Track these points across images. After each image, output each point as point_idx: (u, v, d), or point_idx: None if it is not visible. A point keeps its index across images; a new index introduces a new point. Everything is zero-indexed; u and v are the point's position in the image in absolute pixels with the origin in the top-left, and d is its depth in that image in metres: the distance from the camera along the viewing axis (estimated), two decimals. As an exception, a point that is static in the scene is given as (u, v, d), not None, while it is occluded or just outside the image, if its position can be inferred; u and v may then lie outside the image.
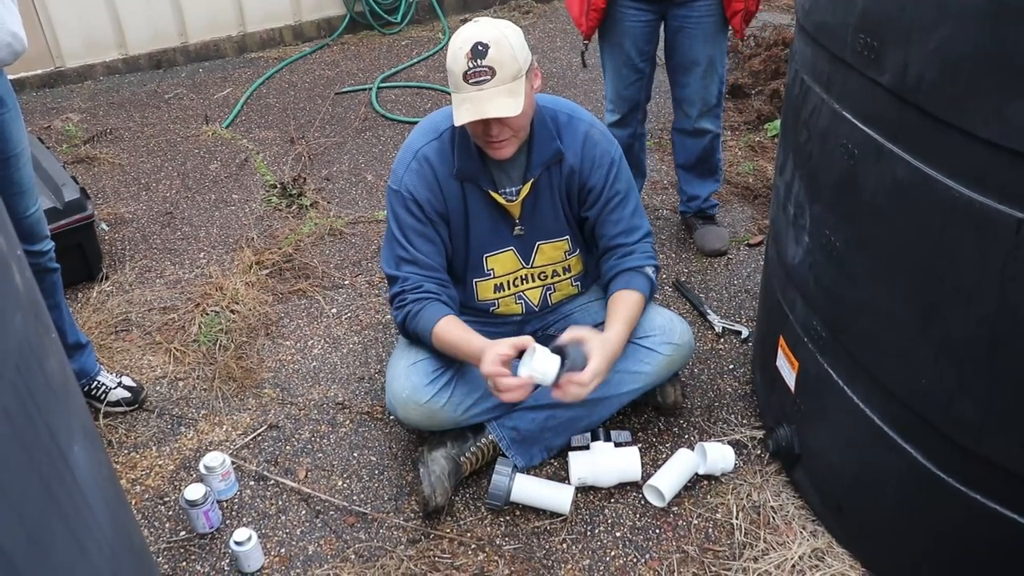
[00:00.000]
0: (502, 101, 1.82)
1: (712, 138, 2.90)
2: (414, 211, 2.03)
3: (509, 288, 2.18)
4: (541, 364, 1.81)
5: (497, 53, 1.82)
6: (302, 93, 4.55)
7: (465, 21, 5.63)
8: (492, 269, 2.14)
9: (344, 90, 4.55)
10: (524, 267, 2.17)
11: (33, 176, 2.11)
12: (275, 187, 3.54)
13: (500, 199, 2.05)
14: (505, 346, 1.87)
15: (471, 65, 1.81)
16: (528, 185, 2.04)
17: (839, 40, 1.56)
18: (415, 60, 4.92)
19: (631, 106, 2.88)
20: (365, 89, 4.55)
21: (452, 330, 1.99)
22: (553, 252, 2.17)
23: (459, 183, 2.03)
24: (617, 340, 1.97)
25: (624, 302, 2.07)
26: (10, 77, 4.75)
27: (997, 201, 1.28)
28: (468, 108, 1.82)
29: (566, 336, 1.90)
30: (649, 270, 2.13)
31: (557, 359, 1.82)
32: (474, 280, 2.15)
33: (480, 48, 1.81)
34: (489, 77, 1.81)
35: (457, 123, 1.84)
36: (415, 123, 4.05)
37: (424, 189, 2.02)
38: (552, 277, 2.21)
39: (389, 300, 2.11)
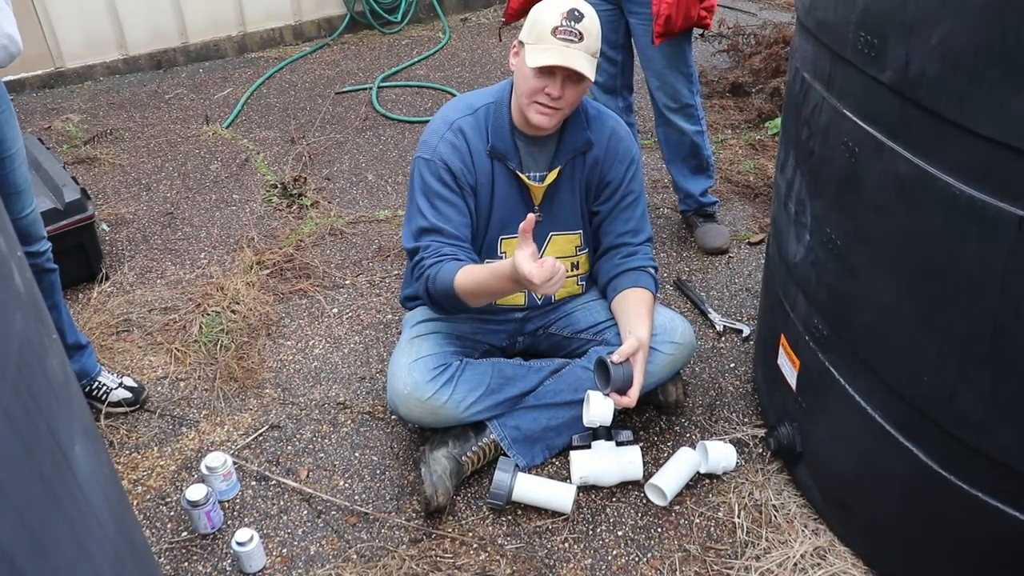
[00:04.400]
0: (585, 63, 1.89)
1: (694, 135, 2.91)
2: (446, 179, 2.03)
3: None
4: (599, 412, 1.97)
5: (589, 24, 1.90)
6: (302, 93, 4.55)
7: (465, 21, 5.71)
8: (505, 253, 2.15)
9: (344, 89, 4.55)
10: None
11: (29, 177, 2.10)
12: (276, 187, 3.54)
13: (526, 179, 2.07)
14: (527, 246, 1.83)
15: (565, 23, 1.87)
16: (555, 172, 2.07)
17: (840, 37, 1.56)
18: (416, 59, 4.92)
19: (605, 93, 2.95)
20: (365, 88, 4.55)
21: (474, 270, 1.94)
22: (565, 245, 2.18)
23: (489, 160, 2.05)
24: (649, 341, 2.06)
25: (640, 301, 2.11)
26: (10, 78, 4.75)
27: (998, 198, 1.28)
28: (552, 55, 1.87)
29: (616, 355, 1.96)
30: (652, 271, 2.17)
31: (610, 402, 1.97)
32: (486, 261, 2.15)
33: (577, 14, 1.89)
34: (577, 40, 1.88)
35: (537, 64, 1.87)
36: (416, 122, 4.10)
37: (457, 159, 2.03)
38: None
39: (409, 273, 2.10)
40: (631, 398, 1.96)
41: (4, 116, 1.98)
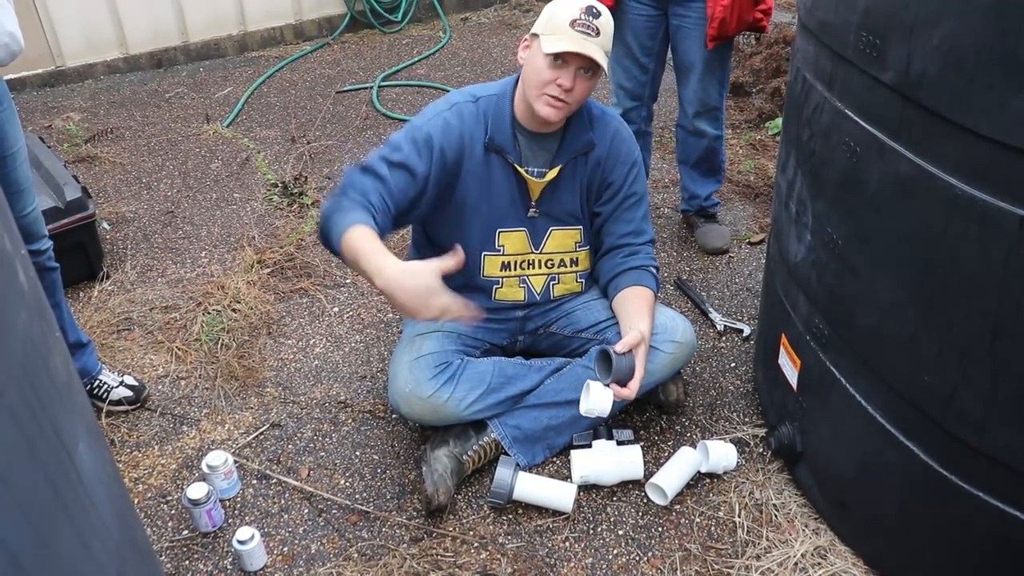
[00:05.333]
0: (601, 55, 1.90)
1: (713, 140, 2.89)
2: (420, 149, 2.00)
3: (515, 269, 2.19)
4: (599, 402, 1.94)
5: (606, 23, 1.92)
6: (303, 92, 4.55)
7: (466, 20, 5.71)
8: (503, 245, 2.15)
9: (345, 89, 4.55)
10: (533, 252, 2.18)
11: (30, 176, 2.10)
12: (276, 186, 3.54)
13: (524, 173, 2.07)
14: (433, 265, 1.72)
15: (583, 17, 1.89)
16: (556, 171, 2.07)
17: (841, 38, 1.56)
18: (416, 59, 4.92)
19: (632, 99, 2.89)
20: (366, 88, 4.55)
21: (366, 236, 1.79)
22: (565, 240, 2.19)
23: (485, 152, 2.04)
24: (650, 337, 2.06)
25: (641, 299, 2.11)
26: (11, 76, 4.75)
27: (999, 198, 1.28)
28: (570, 43, 1.88)
29: (620, 346, 1.95)
30: (653, 270, 2.17)
31: (610, 393, 1.94)
32: (483, 253, 2.15)
33: (595, 10, 1.91)
34: (594, 35, 1.89)
35: (553, 50, 1.87)
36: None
37: (444, 137, 2.01)
38: (559, 267, 2.21)
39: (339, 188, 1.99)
40: (631, 390, 1.95)
41: (6, 114, 1.98)
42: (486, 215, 2.10)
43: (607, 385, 1.95)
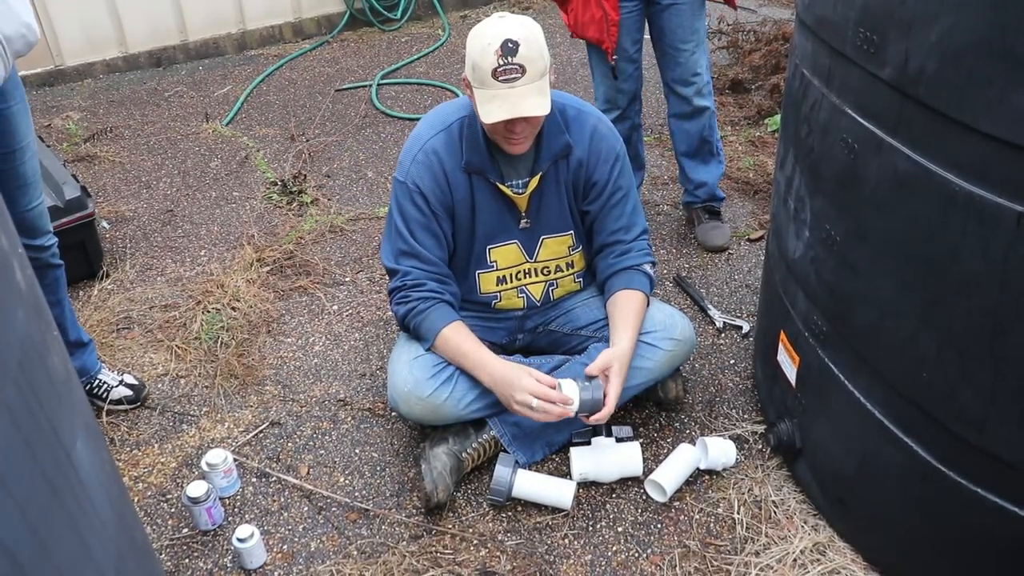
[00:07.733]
0: (534, 100, 1.83)
1: (710, 115, 2.91)
2: (419, 204, 2.03)
3: (512, 281, 2.19)
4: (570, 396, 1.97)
5: (527, 50, 1.82)
6: (302, 90, 4.55)
7: (465, 18, 5.70)
8: (495, 261, 2.15)
9: (344, 87, 4.55)
10: (528, 261, 2.17)
11: (38, 170, 2.10)
12: (276, 184, 3.54)
13: (508, 191, 2.05)
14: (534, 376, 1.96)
15: (501, 62, 1.80)
16: (536, 179, 2.05)
17: (839, 34, 1.56)
18: (415, 57, 4.92)
19: (630, 98, 2.91)
20: (365, 86, 4.55)
21: (463, 338, 2.03)
22: (557, 247, 2.18)
23: (466, 175, 2.04)
24: (630, 351, 2.05)
25: (628, 305, 2.10)
26: (10, 75, 4.69)
27: (998, 194, 1.28)
28: (500, 106, 1.81)
29: (594, 368, 1.98)
30: (647, 267, 2.16)
31: (576, 387, 1.98)
32: (477, 272, 2.16)
33: (510, 45, 1.80)
34: (520, 75, 1.81)
35: (489, 121, 1.83)
36: (415, 119, 4.10)
37: (430, 181, 2.02)
38: (555, 272, 2.21)
39: (388, 293, 2.13)
40: (599, 418, 1.98)
41: (19, 107, 1.97)
42: (475, 235, 2.11)
43: (581, 418, 2.00)
